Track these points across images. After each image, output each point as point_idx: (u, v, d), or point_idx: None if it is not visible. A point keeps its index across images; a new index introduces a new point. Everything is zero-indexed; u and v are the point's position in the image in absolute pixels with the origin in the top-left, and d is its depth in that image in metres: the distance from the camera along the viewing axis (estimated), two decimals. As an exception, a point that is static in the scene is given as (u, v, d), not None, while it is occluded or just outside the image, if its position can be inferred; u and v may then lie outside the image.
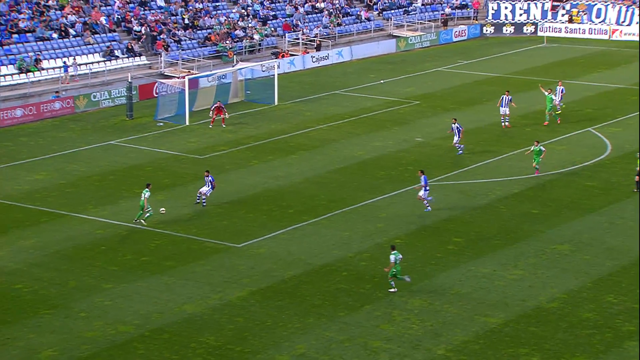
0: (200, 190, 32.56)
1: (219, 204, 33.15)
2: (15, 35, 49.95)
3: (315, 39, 60.37)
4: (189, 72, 51.66)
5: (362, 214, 32.16)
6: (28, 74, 47.99)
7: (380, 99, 49.29)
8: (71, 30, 52.06)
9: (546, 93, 42.97)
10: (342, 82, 53.43)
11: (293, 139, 41.66)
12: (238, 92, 49.26)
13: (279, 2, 64.24)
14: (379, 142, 41.18)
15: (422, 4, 69.93)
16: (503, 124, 42.48)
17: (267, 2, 63.32)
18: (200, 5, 59.61)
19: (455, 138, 38.37)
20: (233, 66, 51.23)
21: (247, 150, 39.96)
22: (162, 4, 58.36)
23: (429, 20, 68.18)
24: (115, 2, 56.36)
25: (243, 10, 61.12)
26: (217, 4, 61.12)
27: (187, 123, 44.05)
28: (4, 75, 47.50)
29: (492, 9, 69.59)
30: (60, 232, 30.24)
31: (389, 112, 45.56)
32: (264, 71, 52.98)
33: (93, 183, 35.43)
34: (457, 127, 38.39)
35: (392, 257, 25.73)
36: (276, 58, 56.37)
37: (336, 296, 25.79)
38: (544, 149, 35.29)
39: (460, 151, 38.47)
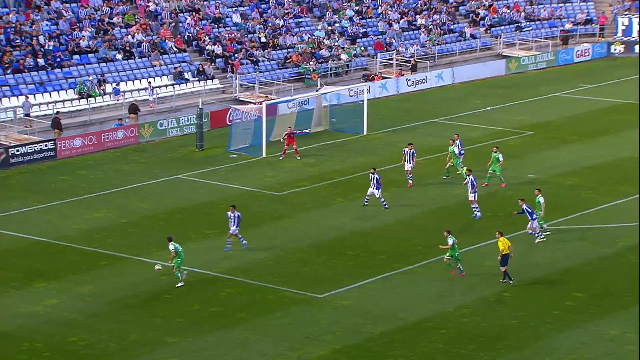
0: (231, 232, 32.34)
1: (299, 247, 33.45)
2: (76, 57, 51.86)
3: (412, 59, 60.68)
4: (267, 97, 52.60)
5: (464, 262, 31.95)
6: (89, 99, 49.70)
7: (487, 129, 49.02)
8: (135, 50, 53.79)
9: None
10: (441, 109, 53.41)
11: (384, 174, 41.73)
12: (322, 120, 49.79)
13: (370, 17, 64.93)
14: (484, 179, 40.89)
15: (538, 19, 69.52)
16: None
17: (357, 18, 64.08)
18: (281, 22, 60.77)
19: (408, 165, 39.55)
20: (317, 90, 51.89)
21: (331, 187, 40.29)
22: (238, 20, 59.77)
23: (546, 38, 67.66)
24: (186, 19, 58.03)
25: (329, 27, 61.98)
26: (299, 20, 62.20)
27: (264, 155, 44.76)
28: (63, 101, 49.32)
29: (623, 25, 68.56)
30: (120, 277, 31.04)
31: (497, 145, 45.26)
32: (351, 96, 53.44)
33: (158, 222, 36.28)
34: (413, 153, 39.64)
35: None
36: (366, 81, 56.85)
37: (433, 358, 25.63)
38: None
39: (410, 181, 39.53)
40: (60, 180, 41.58)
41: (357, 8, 64.96)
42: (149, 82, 51.75)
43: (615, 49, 67.83)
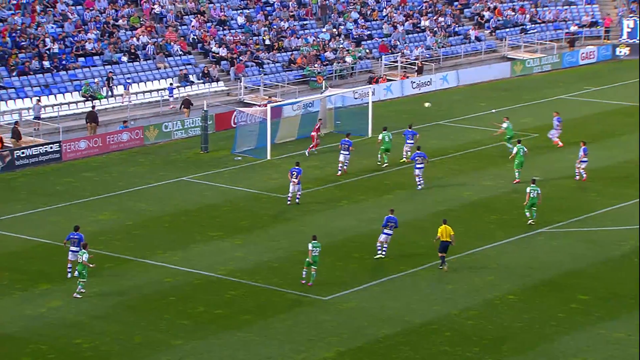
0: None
1: (304, 250, 33.42)
2: (81, 59, 51.92)
3: (417, 61, 60.66)
4: (271, 99, 52.60)
5: (468, 264, 31.92)
6: (94, 101, 49.72)
7: (492, 132, 48.99)
8: (141, 53, 53.81)
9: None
10: (446, 112, 53.39)
11: (388, 176, 41.78)
12: (327, 123, 49.80)
13: (375, 20, 64.92)
14: (490, 181, 40.83)
15: (543, 22, 69.43)
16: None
17: (362, 20, 64.09)
18: (286, 24, 60.79)
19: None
20: (321, 93, 51.87)
21: (336, 189, 40.27)
22: (243, 22, 59.80)
23: (551, 40, 67.62)
24: (191, 21, 58.06)
25: (334, 30, 61.99)
26: (304, 22, 62.23)
27: (269, 157, 44.77)
28: (68, 103, 49.36)
29: (628, 27, 68.50)
30: (125, 279, 31.04)
31: (501, 147, 45.22)
32: (356, 98, 53.42)
33: (163, 225, 36.29)
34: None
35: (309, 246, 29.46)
36: (371, 84, 56.84)
37: (438, 360, 25.63)
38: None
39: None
40: (65, 183, 41.61)
41: (361, 10, 64.97)
42: (170, 84, 51.97)
43: (620, 52, 67.77)
